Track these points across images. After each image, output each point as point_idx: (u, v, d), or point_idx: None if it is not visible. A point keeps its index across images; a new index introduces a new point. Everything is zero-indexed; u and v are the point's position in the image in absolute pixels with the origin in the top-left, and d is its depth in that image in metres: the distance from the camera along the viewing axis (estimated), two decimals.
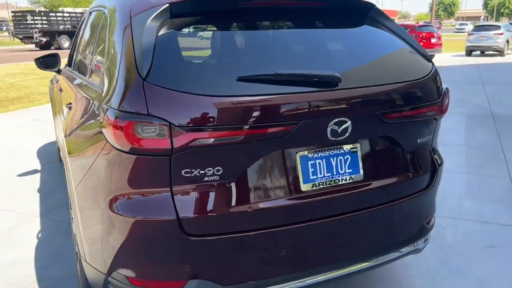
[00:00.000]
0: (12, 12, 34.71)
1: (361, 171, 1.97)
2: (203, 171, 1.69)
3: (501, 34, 20.16)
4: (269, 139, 1.74)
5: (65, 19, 31.90)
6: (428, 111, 2.11)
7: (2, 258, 3.00)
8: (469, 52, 20.70)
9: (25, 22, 29.73)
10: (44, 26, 30.00)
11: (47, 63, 3.76)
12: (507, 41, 20.61)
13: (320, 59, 2.03)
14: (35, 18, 29.97)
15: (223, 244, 1.76)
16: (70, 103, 2.70)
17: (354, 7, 2.27)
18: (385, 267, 2.80)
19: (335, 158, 1.92)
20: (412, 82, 2.05)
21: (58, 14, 33.18)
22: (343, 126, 1.84)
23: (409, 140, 2.10)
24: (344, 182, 1.94)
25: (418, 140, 2.14)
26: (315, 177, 1.88)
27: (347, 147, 1.94)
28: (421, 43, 16.14)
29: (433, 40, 17.82)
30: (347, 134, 1.86)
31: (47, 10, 47.97)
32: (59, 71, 3.81)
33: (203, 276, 1.77)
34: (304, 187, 1.85)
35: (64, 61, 3.77)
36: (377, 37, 2.25)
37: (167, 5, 1.84)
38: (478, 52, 21.60)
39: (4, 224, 3.51)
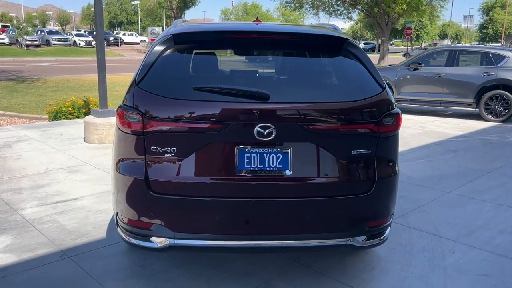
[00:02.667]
0: None
1: (290, 168, 2.52)
2: (163, 149, 2.50)
3: None
4: (208, 132, 2.46)
5: None
6: (358, 128, 2.53)
7: (98, 207, 4.26)
8: None
9: None
10: None
11: None
12: None
13: (270, 80, 2.66)
14: None
15: (175, 202, 2.53)
16: None
17: (321, 41, 2.80)
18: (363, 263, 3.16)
19: (268, 154, 2.51)
20: (342, 102, 2.51)
21: None
22: (268, 130, 2.44)
23: (339, 150, 2.55)
24: (273, 174, 2.52)
25: (352, 151, 2.56)
26: (249, 166, 2.51)
27: (279, 148, 2.51)
28: None
29: None
30: (272, 137, 2.45)
31: None
32: None
33: (161, 222, 2.57)
34: (238, 172, 2.50)
35: None
36: (334, 65, 2.74)
37: (171, 35, 2.70)
38: None
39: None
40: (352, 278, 3.08)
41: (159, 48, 2.67)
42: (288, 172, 2.52)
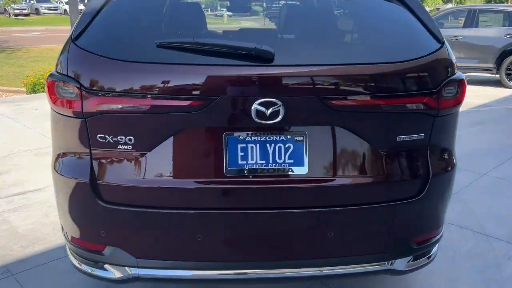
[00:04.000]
0: None
1: (306, 164, 1.69)
2: (115, 138, 1.67)
3: None
4: (182, 113, 1.62)
5: None
6: (408, 102, 1.69)
7: None
8: None
9: None
10: None
11: None
12: None
13: (275, 34, 1.80)
14: None
15: (135, 216, 1.72)
16: None
17: None
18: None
19: (273, 144, 1.69)
20: (383, 64, 1.66)
21: None
22: (272, 108, 1.60)
23: (378, 136, 1.72)
24: (281, 173, 1.69)
25: (398, 138, 1.73)
26: (245, 162, 1.69)
27: (289, 135, 1.68)
28: None
29: None
30: (279, 118, 1.61)
31: None
32: None
33: (118, 245, 1.77)
34: (228, 171, 1.68)
35: None
36: (369, 12, 1.88)
37: None
38: None
39: None
40: None
41: None
42: (302, 170, 1.70)
